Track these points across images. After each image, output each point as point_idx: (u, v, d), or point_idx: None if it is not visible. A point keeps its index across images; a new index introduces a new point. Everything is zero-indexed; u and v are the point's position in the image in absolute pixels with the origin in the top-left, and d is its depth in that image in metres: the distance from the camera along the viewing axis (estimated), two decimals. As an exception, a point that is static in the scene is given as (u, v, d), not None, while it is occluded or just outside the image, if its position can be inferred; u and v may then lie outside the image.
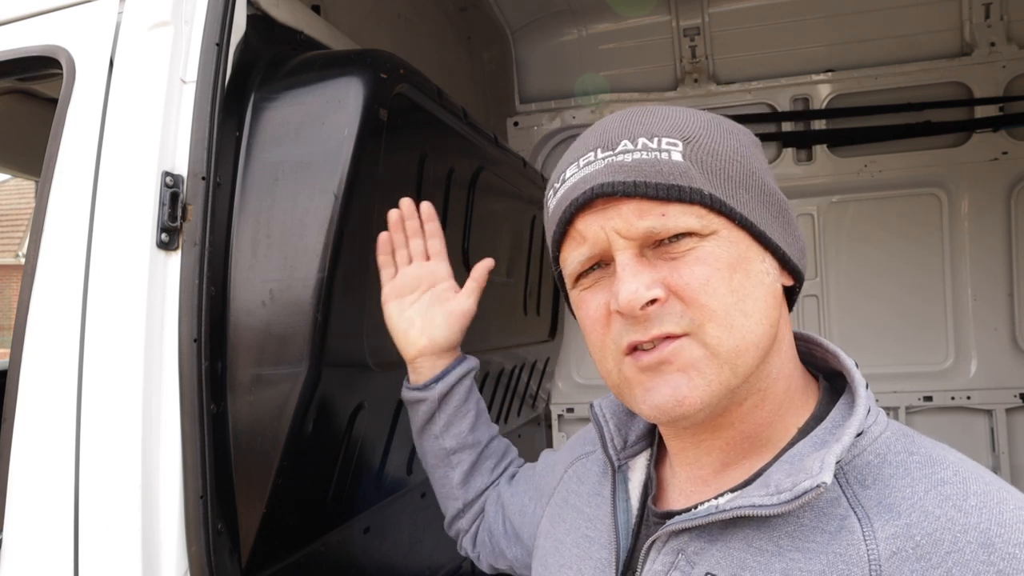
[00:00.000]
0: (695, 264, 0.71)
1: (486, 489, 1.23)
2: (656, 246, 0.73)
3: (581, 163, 0.76)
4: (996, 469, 2.71)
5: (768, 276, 0.75)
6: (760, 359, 0.73)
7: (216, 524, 1.10)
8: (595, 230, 0.74)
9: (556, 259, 0.82)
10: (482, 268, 1.24)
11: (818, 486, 0.64)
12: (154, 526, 1.07)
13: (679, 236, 0.71)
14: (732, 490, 0.75)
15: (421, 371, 1.21)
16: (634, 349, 0.73)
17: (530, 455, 1.17)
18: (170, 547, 1.07)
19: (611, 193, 0.72)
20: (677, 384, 0.71)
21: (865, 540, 0.65)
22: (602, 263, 0.76)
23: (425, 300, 1.21)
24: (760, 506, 0.68)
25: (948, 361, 2.79)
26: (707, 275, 0.70)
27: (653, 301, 0.70)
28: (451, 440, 1.20)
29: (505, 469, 1.26)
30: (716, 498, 0.75)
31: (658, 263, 0.72)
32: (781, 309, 0.78)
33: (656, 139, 0.73)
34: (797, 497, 0.65)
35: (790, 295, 0.82)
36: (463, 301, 1.21)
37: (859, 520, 0.66)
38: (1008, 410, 2.72)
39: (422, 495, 1.77)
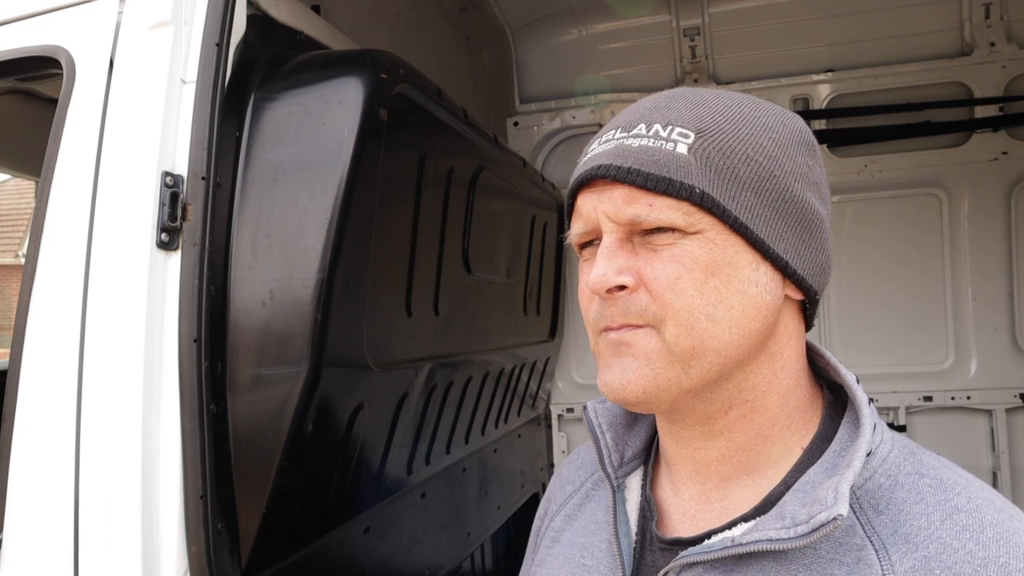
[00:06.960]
0: (669, 261, 0.71)
1: None
2: (644, 234, 0.73)
3: (603, 139, 0.76)
4: (996, 469, 2.72)
5: (755, 286, 0.72)
6: (723, 366, 0.72)
7: (216, 524, 1.10)
8: (589, 209, 0.75)
9: (569, 228, 0.84)
10: None
11: (835, 519, 0.64)
12: (154, 526, 1.07)
13: (661, 229, 0.71)
14: (745, 519, 0.74)
15: None
16: (606, 327, 0.75)
17: (530, 455, 1.16)
18: (170, 547, 1.07)
19: (605, 176, 0.72)
20: (626, 368, 0.73)
21: (884, 575, 0.65)
22: (596, 240, 0.77)
23: None
24: (777, 540, 0.67)
25: (948, 361, 2.79)
26: (678, 274, 0.70)
27: (622, 288, 0.72)
28: None
29: None
30: (730, 528, 0.74)
31: (641, 251, 0.73)
32: (777, 322, 0.75)
33: (669, 128, 0.72)
34: (814, 530, 0.65)
35: (807, 311, 0.79)
36: None
37: (876, 552, 0.66)
38: (1008, 410, 2.72)
39: (422, 495, 1.77)
